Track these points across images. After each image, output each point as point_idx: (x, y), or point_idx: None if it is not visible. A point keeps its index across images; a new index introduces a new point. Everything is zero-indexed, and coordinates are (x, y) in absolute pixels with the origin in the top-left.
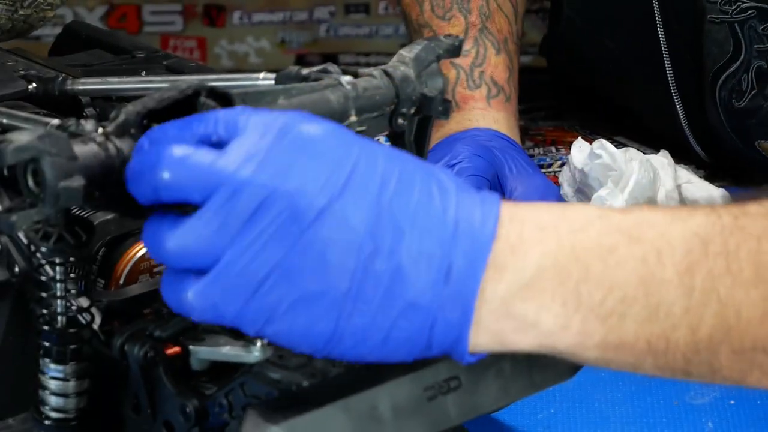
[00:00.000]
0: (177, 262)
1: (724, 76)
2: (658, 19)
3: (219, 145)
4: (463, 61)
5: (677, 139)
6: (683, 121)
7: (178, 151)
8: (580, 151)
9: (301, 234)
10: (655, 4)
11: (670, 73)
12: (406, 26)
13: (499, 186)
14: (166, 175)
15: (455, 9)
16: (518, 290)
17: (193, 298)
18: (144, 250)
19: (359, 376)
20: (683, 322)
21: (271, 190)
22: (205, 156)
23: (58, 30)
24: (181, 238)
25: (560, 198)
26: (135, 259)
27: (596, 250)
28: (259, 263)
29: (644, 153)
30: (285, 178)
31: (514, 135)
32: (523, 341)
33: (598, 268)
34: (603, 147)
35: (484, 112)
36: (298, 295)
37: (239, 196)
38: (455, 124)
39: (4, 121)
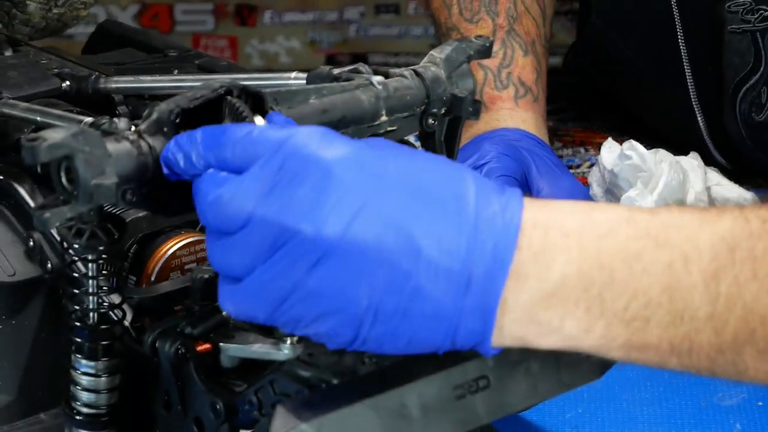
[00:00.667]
0: (218, 267)
1: (744, 88)
2: (678, 28)
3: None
4: (490, 62)
5: (697, 147)
6: (704, 131)
7: (208, 191)
8: (610, 151)
9: (316, 262)
10: (676, 13)
11: (690, 83)
12: (435, 29)
13: (527, 185)
14: (205, 211)
15: (483, 12)
16: (541, 298)
17: (229, 303)
18: (175, 247)
19: (388, 374)
20: (707, 326)
21: (285, 225)
22: (225, 194)
23: (91, 29)
24: (219, 251)
25: (588, 198)
26: (166, 256)
27: (622, 255)
28: (279, 284)
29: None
30: (298, 212)
31: (542, 135)
32: (546, 343)
33: (623, 274)
34: (633, 148)
35: (512, 112)
36: (317, 312)
37: (257, 230)
38: (483, 124)
39: (38, 118)
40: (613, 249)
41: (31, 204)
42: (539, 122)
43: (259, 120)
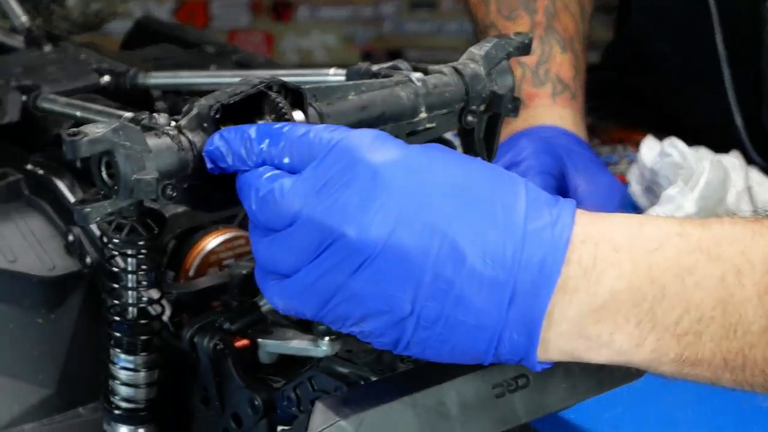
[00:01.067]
0: (264, 264)
1: None
2: (716, 27)
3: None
4: (528, 59)
5: (735, 146)
6: (742, 130)
7: (261, 185)
8: (650, 149)
9: (359, 265)
10: (714, 12)
11: (729, 82)
12: (473, 26)
13: (564, 182)
14: (253, 205)
15: (521, 8)
16: (590, 313)
17: (277, 298)
18: (213, 243)
19: (427, 372)
20: (762, 339)
21: (331, 227)
22: (277, 190)
23: (128, 25)
24: (266, 248)
25: (626, 196)
26: (205, 251)
27: (674, 269)
28: (324, 285)
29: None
30: (345, 215)
31: (581, 132)
32: (596, 357)
33: (675, 288)
34: (674, 145)
35: (550, 109)
36: (361, 313)
37: (304, 230)
38: (521, 121)
39: (78, 113)
40: (665, 263)
41: (71, 199)
42: (577, 119)
43: (298, 116)
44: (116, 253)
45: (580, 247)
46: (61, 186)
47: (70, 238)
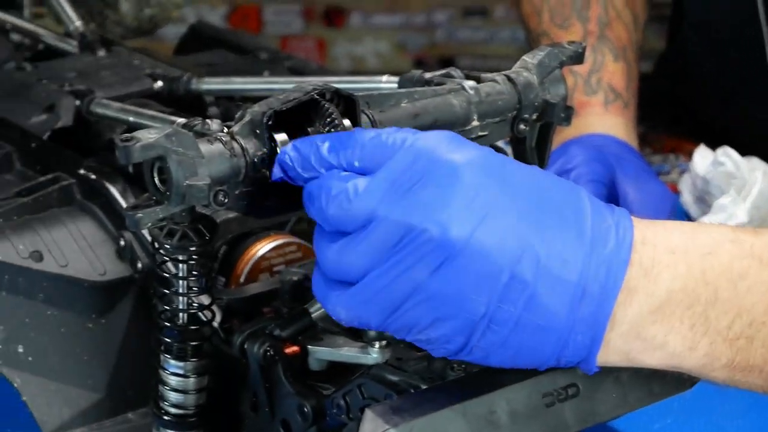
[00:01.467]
0: (332, 269)
1: None
2: (766, 42)
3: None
4: (580, 68)
5: None
6: None
7: (333, 185)
8: (703, 158)
9: (440, 264)
10: (764, 27)
11: None
12: (526, 35)
13: (614, 190)
14: (325, 207)
15: (574, 17)
16: (649, 313)
17: (340, 307)
18: (264, 249)
19: (477, 380)
20: None
21: (412, 225)
22: (351, 189)
23: (181, 30)
24: (335, 252)
25: (678, 205)
26: (256, 257)
27: (726, 274)
28: (399, 287)
29: None
30: (426, 213)
31: (632, 140)
32: (649, 360)
33: (728, 292)
34: (727, 154)
35: (602, 117)
36: (434, 316)
37: (381, 228)
38: (572, 129)
39: (131, 119)
40: (718, 267)
41: (123, 204)
42: (629, 128)
43: (347, 124)
44: (167, 258)
45: (641, 249)
46: (114, 191)
47: (122, 243)
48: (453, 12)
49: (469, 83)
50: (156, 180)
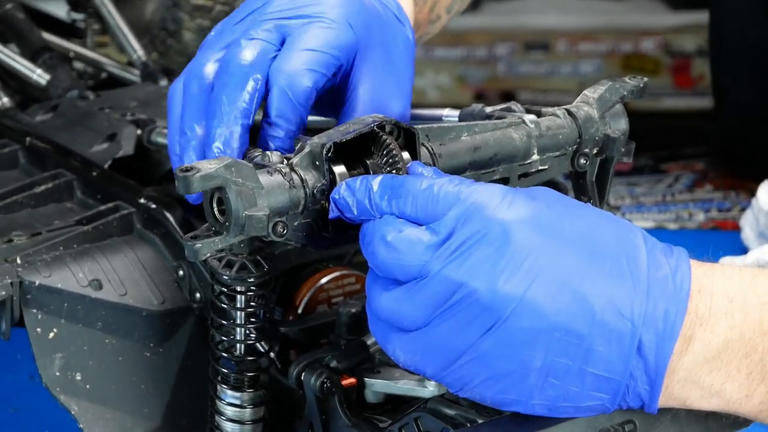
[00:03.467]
0: (386, 317)
1: None
2: None
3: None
4: None
5: None
6: None
7: (386, 232)
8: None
9: (493, 323)
10: None
11: None
12: None
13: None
14: (379, 253)
15: None
16: (705, 362)
17: (399, 352)
18: (323, 281)
19: (534, 416)
20: None
21: (463, 284)
22: (404, 241)
23: None
24: (390, 302)
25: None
26: (314, 289)
27: None
28: (453, 344)
29: None
30: (477, 272)
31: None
32: (707, 406)
33: None
34: None
35: None
36: (489, 373)
37: (434, 285)
38: None
39: None
40: None
41: (182, 233)
42: None
43: (407, 157)
44: (226, 289)
45: (697, 297)
46: (172, 220)
47: (180, 272)
48: (514, 46)
49: (530, 117)
50: (215, 210)
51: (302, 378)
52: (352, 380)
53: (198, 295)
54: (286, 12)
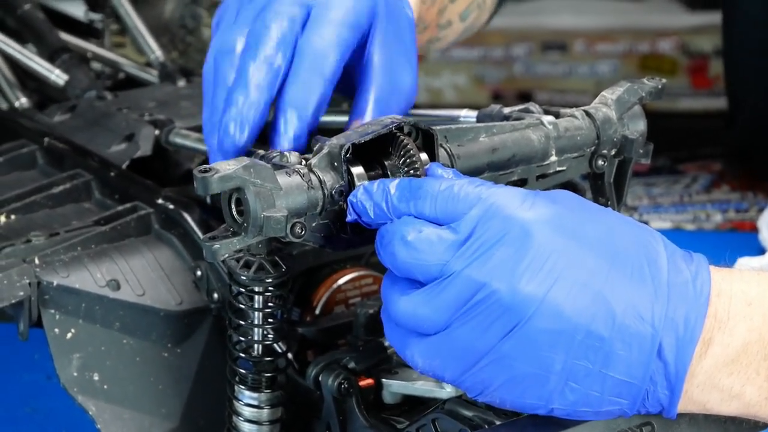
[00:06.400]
0: (405, 322)
1: None
2: None
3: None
4: None
5: None
6: None
7: (406, 232)
8: None
9: (515, 325)
10: None
11: None
12: None
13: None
14: (399, 253)
15: None
16: (724, 365)
17: (417, 358)
18: (341, 281)
19: (552, 417)
20: None
21: (484, 284)
22: (424, 240)
23: None
24: (408, 305)
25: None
26: (331, 289)
27: None
28: (474, 346)
29: None
30: (499, 273)
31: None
32: (726, 410)
33: None
34: None
35: None
36: (509, 375)
37: (455, 285)
38: None
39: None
40: None
41: (200, 234)
42: None
43: (425, 158)
44: (243, 290)
45: (716, 301)
46: (190, 221)
47: (198, 273)
48: (532, 46)
49: (548, 118)
50: (233, 211)
51: (320, 379)
52: (369, 381)
53: (216, 295)
54: None
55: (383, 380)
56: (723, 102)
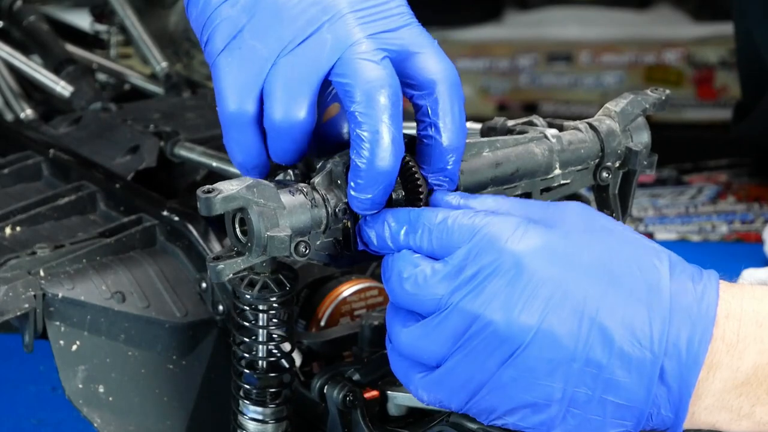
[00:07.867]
0: (407, 353)
1: None
2: None
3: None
4: None
5: None
6: None
7: (403, 268)
8: None
9: (511, 354)
10: None
11: None
12: None
13: None
14: (396, 289)
15: None
16: (734, 387)
17: (422, 392)
18: (346, 293)
19: None
20: None
21: (479, 315)
22: (420, 275)
23: None
24: (409, 338)
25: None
26: (336, 301)
27: None
28: (474, 377)
29: None
30: (492, 304)
31: None
32: (737, 428)
33: None
34: None
35: None
36: (510, 405)
37: (451, 318)
38: None
39: (213, 164)
40: None
41: (205, 246)
42: None
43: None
44: (248, 307)
45: (724, 323)
46: (195, 233)
47: (203, 284)
48: (537, 57)
49: (552, 132)
50: (237, 231)
51: (325, 391)
52: (374, 393)
53: (221, 307)
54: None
55: (388, 392)
56: (729, 113)
